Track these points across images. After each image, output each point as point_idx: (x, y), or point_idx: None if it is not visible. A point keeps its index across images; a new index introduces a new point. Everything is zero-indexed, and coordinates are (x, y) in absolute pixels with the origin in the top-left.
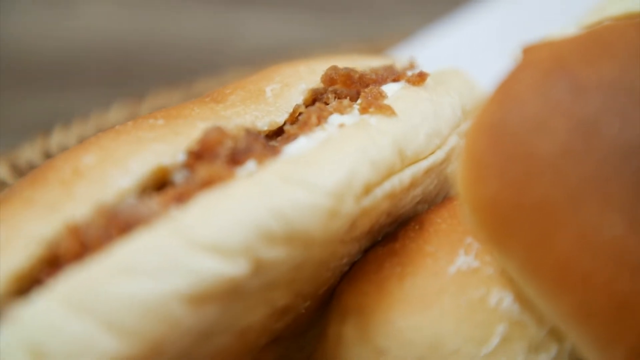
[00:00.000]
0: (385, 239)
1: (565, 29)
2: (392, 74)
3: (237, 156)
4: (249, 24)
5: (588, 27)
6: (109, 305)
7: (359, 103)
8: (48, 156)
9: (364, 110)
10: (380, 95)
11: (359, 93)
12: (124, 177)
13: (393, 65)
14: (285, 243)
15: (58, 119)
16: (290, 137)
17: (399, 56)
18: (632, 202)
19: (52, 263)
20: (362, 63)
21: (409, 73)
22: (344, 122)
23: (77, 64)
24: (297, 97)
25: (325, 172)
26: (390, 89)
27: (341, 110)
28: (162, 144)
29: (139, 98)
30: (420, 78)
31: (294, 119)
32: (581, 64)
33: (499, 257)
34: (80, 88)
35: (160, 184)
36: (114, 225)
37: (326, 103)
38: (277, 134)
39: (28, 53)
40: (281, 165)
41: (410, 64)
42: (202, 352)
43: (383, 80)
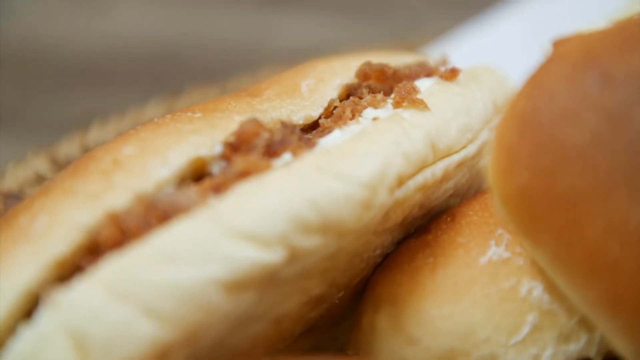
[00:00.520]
0: (418, 231)
1: (595, 24)
2: (425, 69)
3: (273, 148)
4: (282, 25)
5: (617, 21)
6: (148, 292)
7: (392, 97)
8: (86, 151)
9: (397, 104)
10: (414, 90)
11: (392, 88)
12: (162, 168)
13: (426, 61)
14: (319, 232)
15: (96, 117)
16: (325, 130)
17: (432, 54)
18: None
19: (92, 251)
20: (395, 59)
21: (442, 69)
22: (377, 115)
23: (114, 65)
24: (331, 92)
25: (360, 164)
26: (423, 84)
27: (375, 105)
28: (200, 136)
29: (175, 94)
30: (453, 74)
31: (329, 113)
32: (610, 56)
33: (529, 247)
34: (118, 88)
35: (198, 175)
36: (153, 214)
37: (360, 98)
38: (312, 128)
39: (67, 55)
40: (316, 157)
41: (442, 60)
42: (238, 339)
43: (416, 76)
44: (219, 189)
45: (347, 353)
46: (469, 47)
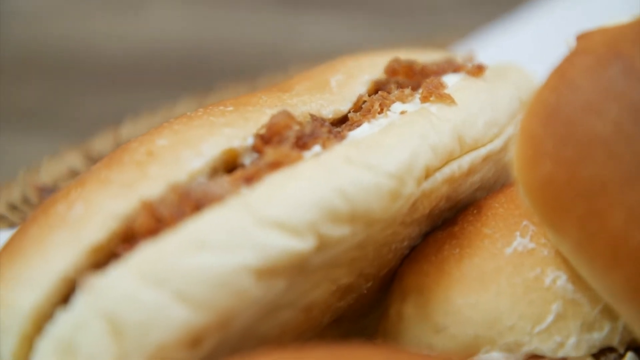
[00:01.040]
0: (445, 223)
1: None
2: (452, 66)
3: (304, 140)
4: (307, 27)
5: None
6: (182, 277)
7: (420, 92)
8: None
9: (425, 98)
10: (441, 85)
11: (420, 84)
12: (196, 159)
13: (453, 58)
14: (348, 221)
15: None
16: (354, 123)
17: (458, 51)
18: None
19: (127, 238)
20: (423, 56)
21: (468, 65)
22: (405, 109)
23: (144, 66)
24: (360, 87)
25: (388, 155)
26: (450, 80)
27: (403, 99)
28: (233, 129)
29: (205, 92)
30: (479, 70)
31: (358, 108)
32: (633, 48)
33: (553, 236)
34: (148, 88)
35: (230, 166)
36: (186, 203)
37: (388, 93)
38: (341, 122)
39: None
40: (345, 148)
41: (469, 57)
42: (268, 326)
43: (443, 72)
44: (250, 179)
45: (374, 343)
46: (495, 46)
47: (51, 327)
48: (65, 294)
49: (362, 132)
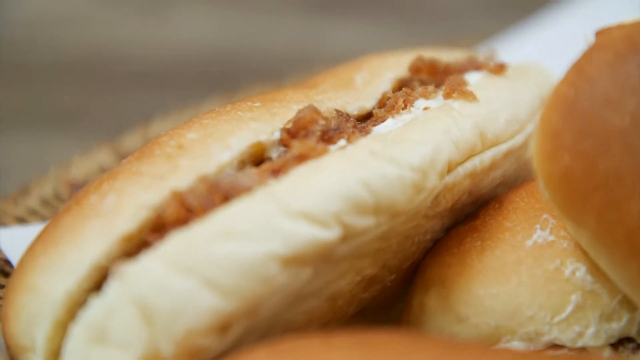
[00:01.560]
0: (467, 218)
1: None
2: (474, 64)
3: (329, 135)
4: (334, 31)
5: None
6: (211, 265)
7: (442, 89)
8: None
9: (447, 95)
10: (463, 82)
11: (442, 81)
12: (224, 152)
13: (475, 56)
14: (373, 213)
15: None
16: (379, 119)
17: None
18: None
19: (158, 227)
20: (445, 54)
21: (490, 64)
22: (428, 105)
23: (172, 70)
24: (385, 85)
25: (412, 149)
26: (473, 78)
27: (426, 96)
28: (260, 123)
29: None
30: (501, 68)
31: (382, 105)
32: None
33: (572, 228)
34: (175, 91)
35: (257, 160)
36: (215, 194)
37: (412, 89)
38: (365, 119)
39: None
40: (370, 142)
41: (491, 56)
42: (294, 314)
43: (465, 70)
44: (277, 171)
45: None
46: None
47: (84, 313)
48: (98, 282)
49: (386, 127)
